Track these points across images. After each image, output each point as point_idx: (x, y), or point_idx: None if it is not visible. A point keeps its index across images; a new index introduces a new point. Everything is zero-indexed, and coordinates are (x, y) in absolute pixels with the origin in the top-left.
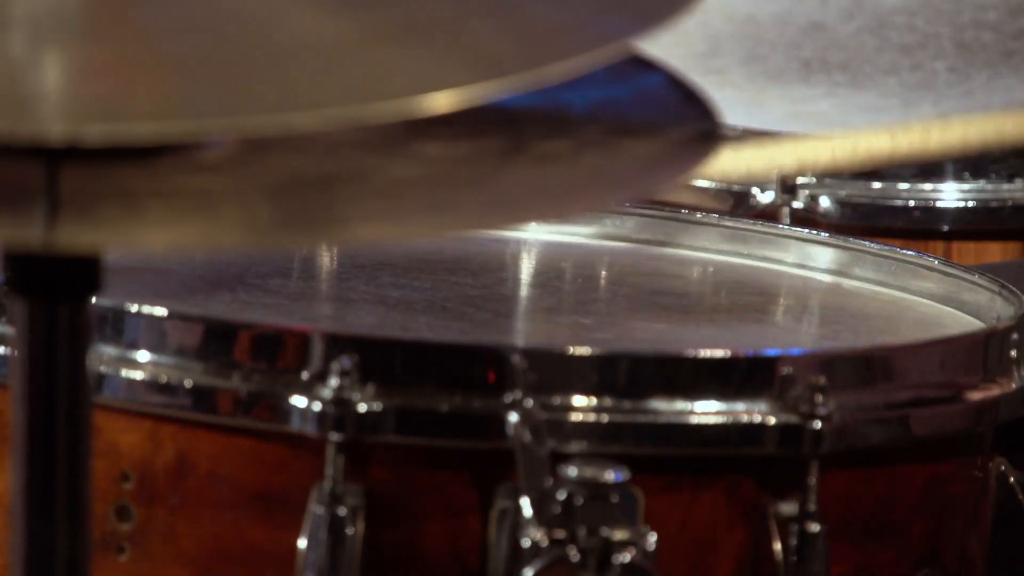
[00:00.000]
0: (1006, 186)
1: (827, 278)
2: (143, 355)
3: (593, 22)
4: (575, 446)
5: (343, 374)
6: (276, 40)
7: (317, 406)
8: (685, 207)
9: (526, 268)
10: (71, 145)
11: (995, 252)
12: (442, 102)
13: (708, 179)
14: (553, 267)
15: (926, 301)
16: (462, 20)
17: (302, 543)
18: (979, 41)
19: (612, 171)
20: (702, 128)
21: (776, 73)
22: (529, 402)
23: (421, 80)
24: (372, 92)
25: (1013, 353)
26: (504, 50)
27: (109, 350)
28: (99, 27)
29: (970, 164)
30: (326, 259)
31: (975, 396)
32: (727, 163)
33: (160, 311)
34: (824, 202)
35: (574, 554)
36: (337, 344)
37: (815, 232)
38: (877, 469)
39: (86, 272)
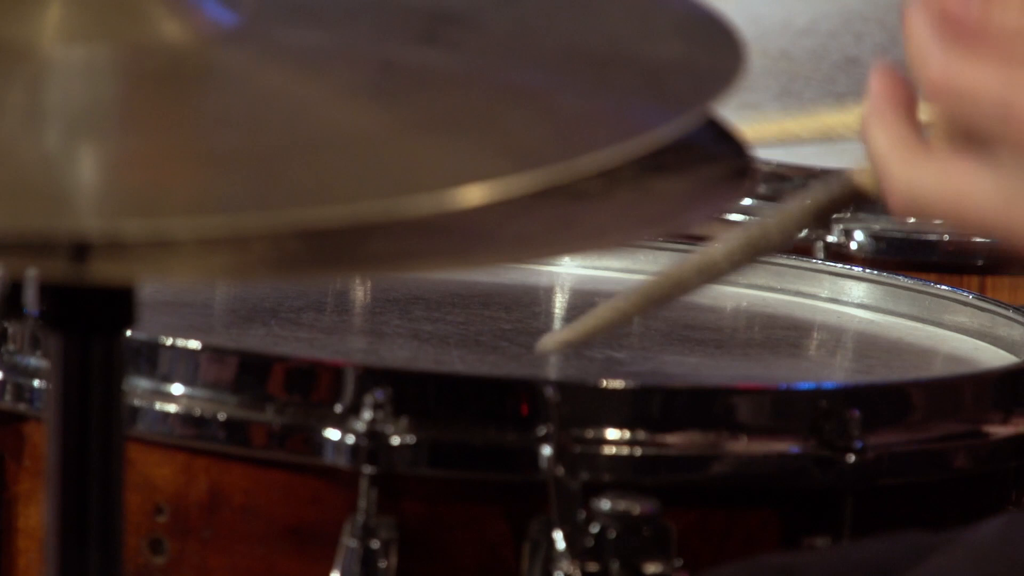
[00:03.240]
0: None
1: (861, 313)
2: (177, 388)
3: (626, 112)
4: (608, 479)
5: (376, 407)
6: (311, 132)
7: (351, 439)
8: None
9: (559, 302)
10: (109, 242)
11: None
12: (476, 194)
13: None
14: (586, 301)
15: (960, 336)
16: (495, 111)
17: None
18: None
19: (645, 208)
20: (735, 165)
21: (810, 108)
22: (562, 435)
23: (456, 171)
24: (407, 184)
25: None
26: (538, 141)
27: (143, 383)
28: (135, 120)
29: None
30: (360, 293)
31: (1010, 431)
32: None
33: (194, 344)
34: (858, 236)
35: None
36: (371, 377)
37: (848, 267)
38: (911, 503)
39: (120, 306)
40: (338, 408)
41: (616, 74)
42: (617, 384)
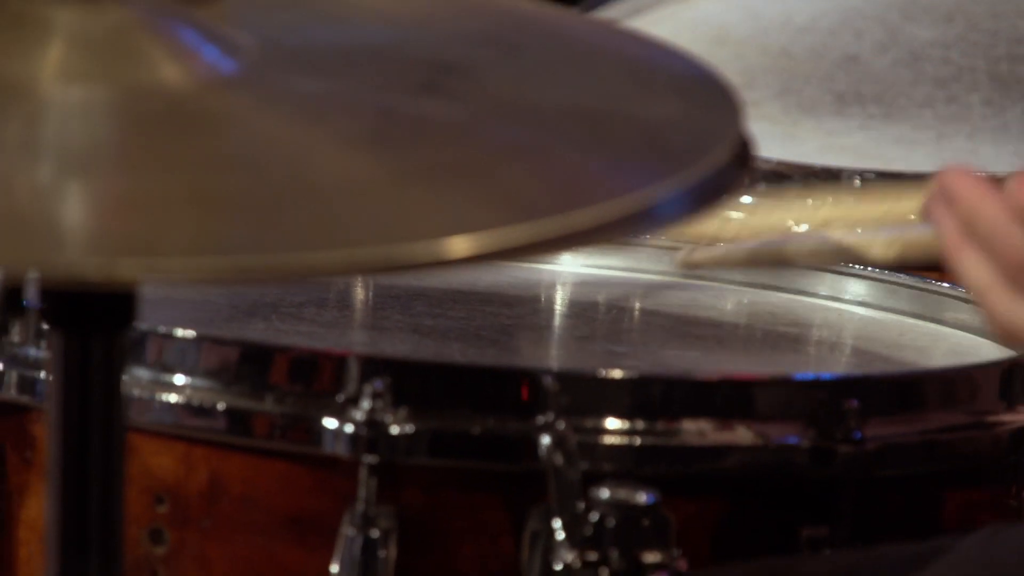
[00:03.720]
0: None
1: (860, 310)
2: (178, 378)
3: (622, 169)
4: (607, 468)
5: (376, 396)
6: (309, 178)
7: (350, 428)
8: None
9: (560, 298)
10: (105, 280)
11: None
12: (471, 245)
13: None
14: (587, 297)
15: (960, 332)
16: (492, 163)
17: (335, 566)
18: (1014, 74)
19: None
20: (734, 158)
21: (810, 106)
22: (561, 424)
23: (450, 222)
24: (401, 233)
25: None
26: (533, 195)
27: (143, 373)
28: (130, 160)
29: None
30: (361, 289)
31: (1009, 423)
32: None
33: (194, 334)
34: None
35: None
36: (370, 366)
37: (848, 264)
38: (910, 494)
39: (121, 303)
40: (338, 398)
41: (613, 131)
42: (616, 374)
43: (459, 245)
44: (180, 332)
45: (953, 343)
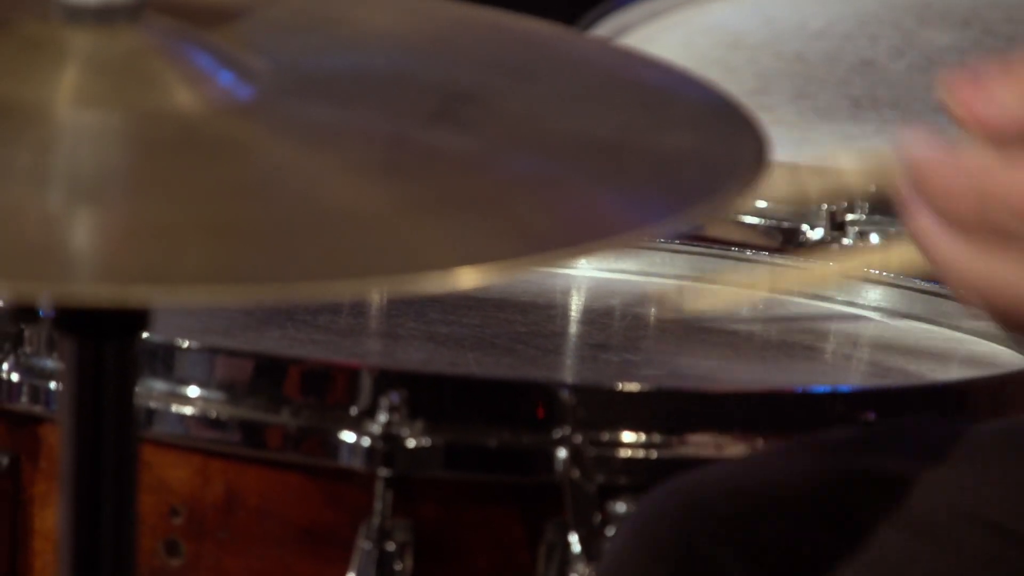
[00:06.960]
0: None
1: (877, 316)
2: (193, 390)
3: (634, 202)
4: (624, 482)
5: (392, 409)
6: (320, 206)
7: (366, 441)
8: (734, 244)
9: (575, 305)
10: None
11: None
12: (480, 276)
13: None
14: (602, 304)
15: (977, 339)
16: (504, 194)
17: None
18: None
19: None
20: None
21: (826, 110)
22: (578, 438)
23: (461, 253)
24: (412, 263)
25: None
26: (544, 226)
27: (159, 385)
28: (143, 187)
29: None
30: (375, 296)
31: None
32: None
33: (210, 346)
34: (874, 239)
35: None
36: (386, 379)
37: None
38: None
39: (134, 311)
40: (353, 410)
41: (627, 162)
42: (633, 387)
43: (468, 276)
44: (196, 344)
45: (970, 350)
